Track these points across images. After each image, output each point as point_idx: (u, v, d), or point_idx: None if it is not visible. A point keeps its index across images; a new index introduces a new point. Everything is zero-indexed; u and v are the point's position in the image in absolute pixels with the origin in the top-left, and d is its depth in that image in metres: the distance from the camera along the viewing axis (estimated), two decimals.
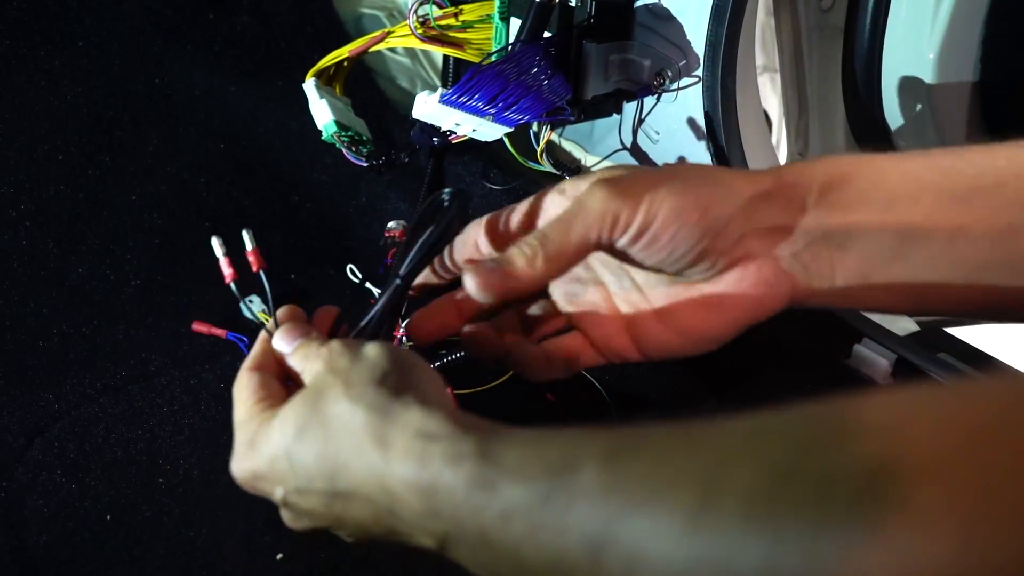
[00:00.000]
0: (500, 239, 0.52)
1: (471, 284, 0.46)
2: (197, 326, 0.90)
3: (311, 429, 0.43)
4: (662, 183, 0.45)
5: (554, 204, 0.50)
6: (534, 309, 0.53)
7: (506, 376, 0.82)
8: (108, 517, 0.71)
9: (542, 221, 0.50)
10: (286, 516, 0.49)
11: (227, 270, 0.48)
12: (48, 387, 0.82)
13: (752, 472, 0.29)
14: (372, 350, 0.45)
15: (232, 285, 0.46)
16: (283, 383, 0.51)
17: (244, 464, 0.48)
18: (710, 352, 0.51)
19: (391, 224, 0.51)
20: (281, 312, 0.52)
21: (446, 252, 0.53)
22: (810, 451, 0.28)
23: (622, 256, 0.48)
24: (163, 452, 0.77)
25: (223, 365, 0.86)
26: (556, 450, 0.36)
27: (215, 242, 0.47)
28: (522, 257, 0.46)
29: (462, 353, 0.80)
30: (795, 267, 0.47)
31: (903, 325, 0.85)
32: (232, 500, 0.73)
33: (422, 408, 0.41)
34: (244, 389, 0.49)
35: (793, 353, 0.83)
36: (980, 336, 1.25)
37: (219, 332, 0.89)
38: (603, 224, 0.45)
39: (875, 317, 0.82)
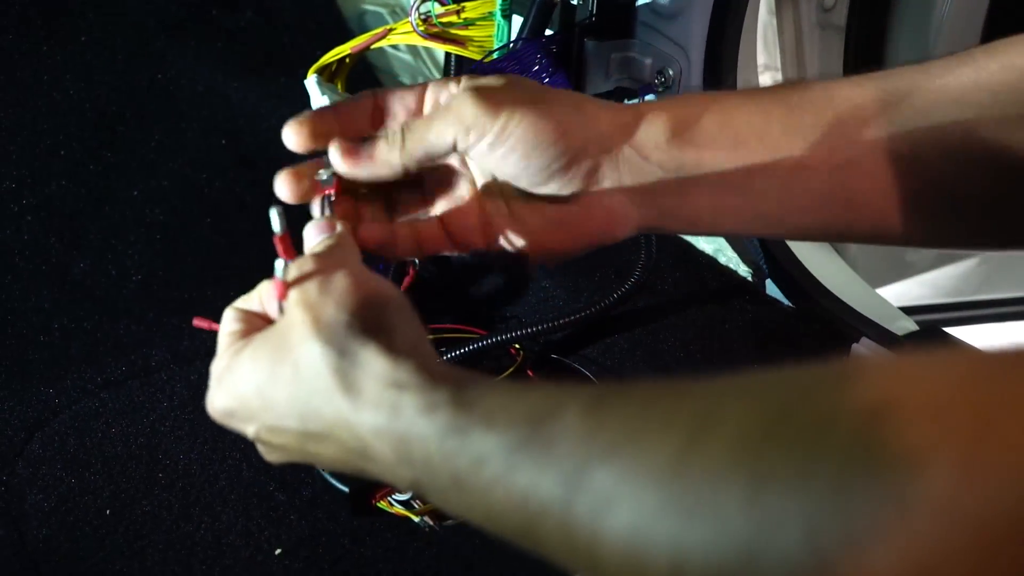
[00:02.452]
0: (384, 117, 0.52)
1: (335, 158, 0.49)
2: (198, 322, 0.89)
3: (281, 367, 0.43)
4: (527, 101, 0.47)
5: (439, 97, 0.51)
6: (405, 191, 0.53)
7: (508, 372, 0.82)
8: (108, 511, 0.72)
9: (426, 107, 0.51)
10: (261, 449, 0.49)
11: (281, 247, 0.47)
12: (49, 382, 0.83)
13: (744, 414, 0.29)
14: (341, 280, 0.43)
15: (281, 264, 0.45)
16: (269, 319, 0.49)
17: (216, 401, 0.47)
18: (694, 345, 0.52)
19: (322, 175, 0.50)
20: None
21: (333, 112, 0.52)
22: (807, 393, 0.28)
23: (480, 162, 0.50)
24: (163, 447, 0.77)
25: None
26: (536, 398, 0.36)
27: (274, 215, 0.45)
28: (385, 146, 0.48)
29: (462, 351, 0.80)
30: (645, 199, 0.49)
31: (902, 324, 0.85)
32: (232, 495, 0.73)
33: (392, 355, 0.40)
34: (223, 323, 0.49)
35: (791, 353, 0.83)
36: (981, 336, 1.25)
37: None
38: (461, 130, 0.47)
39: (874, 317, 0.82)
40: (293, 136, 0.50)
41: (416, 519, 0.70)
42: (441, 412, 0.38)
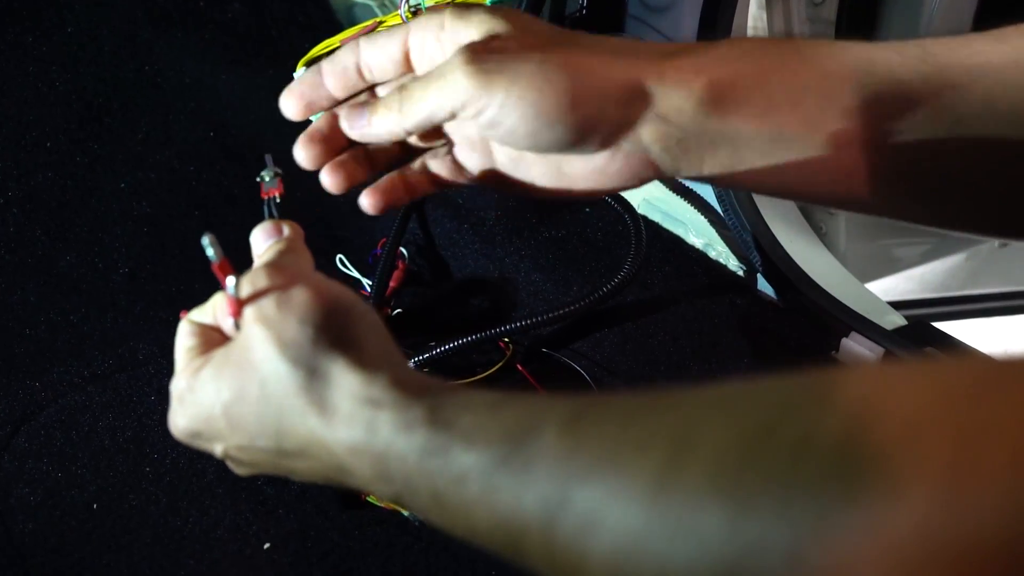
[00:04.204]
0: (371, 72, 0.49)
1: (344, 124, 0.49)
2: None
3: (248, 387, 0.42)
4: (527, 72, 0.43)
5: (427, 44, 0.47)
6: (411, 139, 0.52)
7: (496, 367, 0.82)
8: (95, 506, 0.71)
9: (415, 57, 0.47)
10: (230, 465, 0.48)
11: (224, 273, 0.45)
12: (35, 375, 0.82)
13: (723, 434, 0.29)
14: (300, 295, 0.42)
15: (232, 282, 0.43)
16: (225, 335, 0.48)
17: (179, 422, 0.46)
18: (684, 339, 0.51)
19: (265, 176, 0.50)
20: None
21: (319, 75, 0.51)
22: (786, 414, 0.28)
23: (483, 129, 0.46)
24: (150, 441, 0.77)
25: None
26: (514, 414, 0.36)
27: (207, 242, 0.44)
28: (383, 113, 0.47)
29: (451, 345, 0.80)
30: (663, 157, 0.46)
31: (891, 319, 0.85)
32: (219, 489, 0.73)
33: (364, 370, 0.40)
34: (179, 337, 0.48)
35: (781, 348, 0.83)
36: (968, 331, 1.26)
37: None
38: (457, 104, 0.44)
39: (863, 312, 0.82)
40: (290, 106, 0.52)
41: (406, 513, 0.70)
42: (419, 431, 0.37)
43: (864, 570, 0.24)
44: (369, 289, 0.91)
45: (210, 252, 0.44)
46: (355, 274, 0.96)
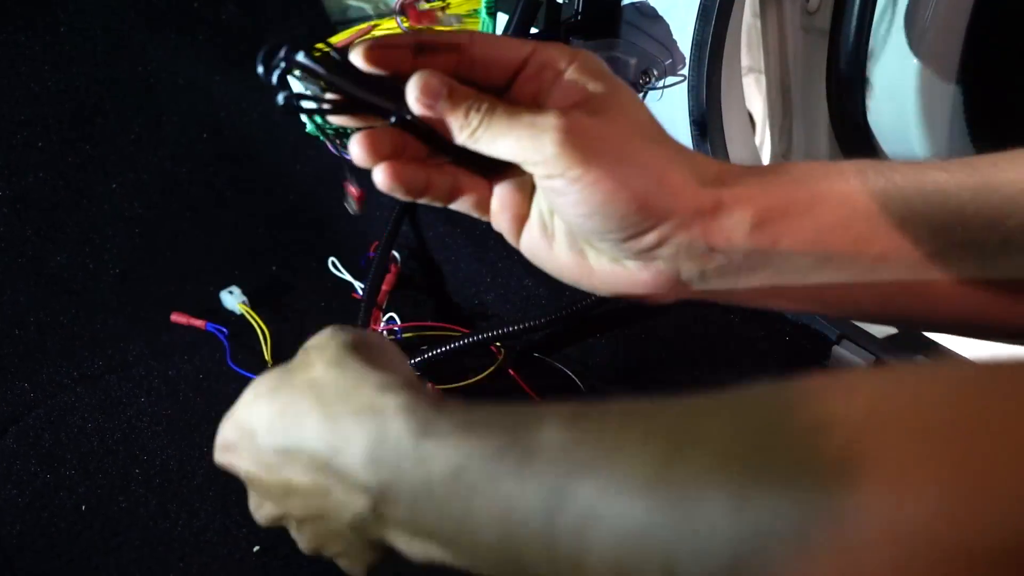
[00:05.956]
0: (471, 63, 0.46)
1: (413, 90, 0.43)
2: (176, 317, 0.89)
3: (280, 389, 0.45)
4: (614, 160, 0.42)
5: (545, 72, 0.45)
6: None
7: (488, 372, 0.82)
8: (83, 508, 0.71)
9: (528, 71, 0.45)
10: (252, 503, 0.49)
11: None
12: (24, 376, 0.82)
13: (727, 425, 0.29)
14: (344, 332, 0.47)
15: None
16: None
17: (218, 438, 0.48)
18: (677, 346, 0.50)
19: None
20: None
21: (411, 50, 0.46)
22: (793, 406, 0.28)
23: (542, 192, 0.46)
24: (140, 443, 0.76)
25: (202, 356, 0.85)
26: (516, 412, 0.36)
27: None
28: (459, 121, 0.44)
29: (444, 348, 0.80)
30: (697, 279, 0.46)
31: (882, 328, 0.86)
32: (209, 492, 0.72)
33: (387, 371, 0.43)
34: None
35: (772, 356, 0.83)
36: (958, 341, 1.26)
37: (198, 323, 0.88)
38: (532, 159, 0.43)
39: (854, 320, 0.83)
40: (362, 59, 0.44)
41: None
42: (420, 413, 0.38)
43: (870, 556, 0.24)
44: (361, 292, 0.90)
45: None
46: (348, 277, 0.95)
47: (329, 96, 0.44)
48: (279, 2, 1.16)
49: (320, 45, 0.43)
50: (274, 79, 0.43)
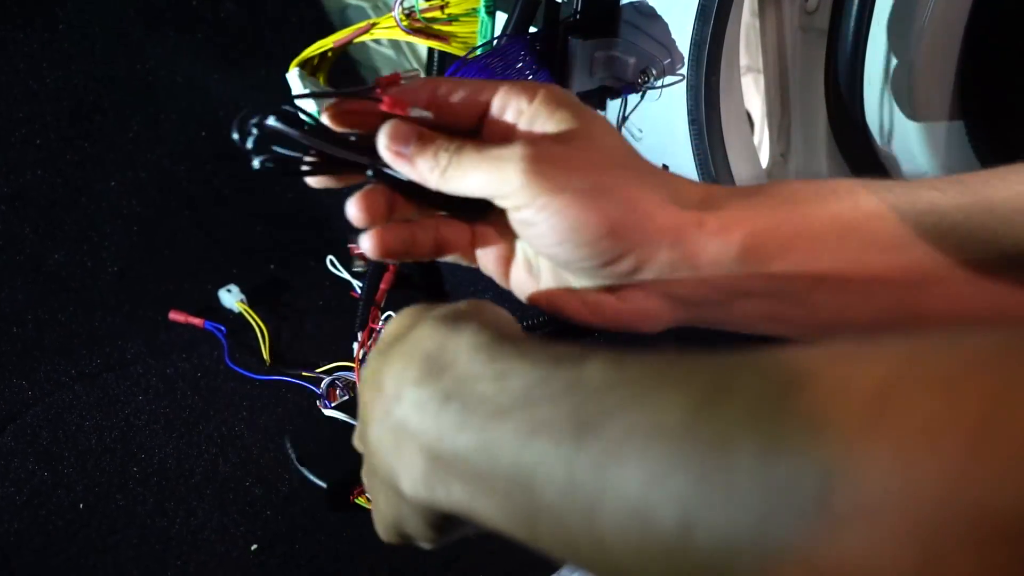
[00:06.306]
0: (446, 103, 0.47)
1: (383, 139, 0.44)
2: (174, 315, 0.89)
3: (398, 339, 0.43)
4: (579, 189, 0.42)
5: (509, 108, 0.45)
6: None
7: None
8: (81, 506, 0.71)
9: (493, 111, 0.46)
10: (365, 473, 0.46)
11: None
12: (22, 373, 0.82)
13: (759, 380, 0.29)
14: (456, 304, 0.45)
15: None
16: None
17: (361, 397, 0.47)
18: (675, 345, 0.50)
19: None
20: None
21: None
22: (820, 365, 0.28)
23: (512, 224, 0.45)
24: (138, 441, 0.76)
25: (200, 354, 0.85)
26: (562, 347, 0.36)
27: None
28: (428, 163, 0.44)
29: None
30: (684, 305, 0.46)
31: None
32: (207, 490, 0.72)
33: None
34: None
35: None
36: None
37: (196, 321, 0.88)
38: (500, 192, 0.43)
39: None
40: (331, 120, 0.46)
41: None
42: (486, 332, 0.39)
43: (892, 518, 0.24)
44: (359, 291, 0.90)
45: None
46: (346, 276, 0.95)
47: (307, 158, 0.45)
48: (279, 1, 1.16)
49: (288, 108, 0.44)
50: (249, 144, 0.43)
